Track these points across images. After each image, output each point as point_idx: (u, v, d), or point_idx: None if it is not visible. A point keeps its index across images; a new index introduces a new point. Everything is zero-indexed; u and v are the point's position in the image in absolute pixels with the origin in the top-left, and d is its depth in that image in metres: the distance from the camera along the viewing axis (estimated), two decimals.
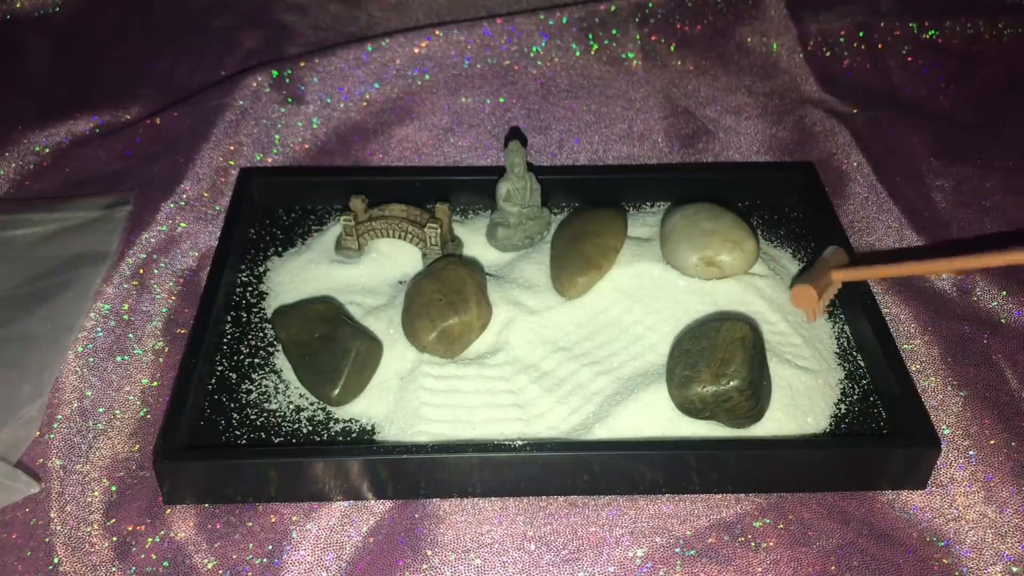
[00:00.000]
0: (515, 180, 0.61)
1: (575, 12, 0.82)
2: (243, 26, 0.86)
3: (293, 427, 0.53)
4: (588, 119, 0.77)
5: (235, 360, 0.56)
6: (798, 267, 0.62)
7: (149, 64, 0.82)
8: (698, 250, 0.57)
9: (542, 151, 0.74)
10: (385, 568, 0.48)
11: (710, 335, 0.51)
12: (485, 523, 0.50)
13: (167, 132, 0.74)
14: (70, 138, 0.74)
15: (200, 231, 0.66)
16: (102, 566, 0.48)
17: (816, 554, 0.48)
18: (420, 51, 0.80)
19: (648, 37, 0.82)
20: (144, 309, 0.61)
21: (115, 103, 0.77)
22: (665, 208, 0.65)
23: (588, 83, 0.80)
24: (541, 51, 0.82)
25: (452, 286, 0.55)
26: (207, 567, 0.47)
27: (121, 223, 0.66)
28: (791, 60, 0.82)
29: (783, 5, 0.83)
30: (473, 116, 0.77)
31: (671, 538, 0.49)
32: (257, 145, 0.73)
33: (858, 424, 0.53)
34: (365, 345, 0.53)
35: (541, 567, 0.48)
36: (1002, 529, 0.50)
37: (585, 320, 0.57)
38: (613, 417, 0.51)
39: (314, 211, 0.67)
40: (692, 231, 0.58)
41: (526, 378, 0.54)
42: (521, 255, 0.62)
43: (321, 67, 0.78)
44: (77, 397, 0.55)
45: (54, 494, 0.50)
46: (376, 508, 0.50)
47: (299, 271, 0.61)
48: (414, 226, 0.60)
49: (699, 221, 0.58)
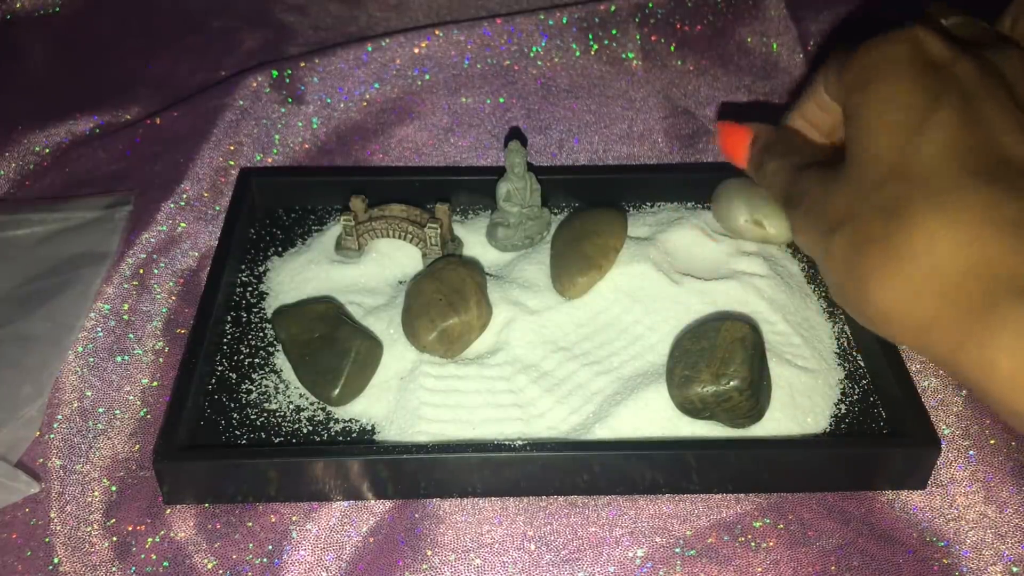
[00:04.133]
0: (515, 180, 0.61)
1: (575, 12, 0.82)
2: (243, 26, 0.86)
3: (293, 427, 0.53)
4: (588, 119, 0.77)
5: (235, 360, 0.56)
6: (798, 267, 0.62)
7: (149, 64, 0.82)
8: (751, 210, 0.59)
9: (542, 151, 0.74)
10: (385, 568, 0.48)
11: (710, 335, 0.51)
12: (485, 523, 0.50)
13: (167, 132, 0.74)
14: (70, 138, 0.74)
15: (200, 231, 0.66)
16: (102, 566, 0.48)
17: (816, 554, 0.48)
18: (420, 51, 0.80)
19: (648, 37, 0.82)
20: (144, 309, 0.61)
21: (115, 103, 0.77)
22: (665, 208, 0.65)
23: (588, 83, 0.80)
24: (541, 51, 0.82)
25: (452, 286, 0.55)
26: (207, 567, 0.48)
27: (121, 223, 0.66)
28: (791, 60, 0.82)
29: (783, 5, 0.83)
30: (473, 116, 0.77)
31: (671, 538, 0.49)
32: (257, 145, 0.73)
33: (858, 424, 0.53)
34: (365, 345, 0.53)
35: (541, 567, 0.48)
36: (1002, 529, 0.50)
37: (585, 320, 0.57)
38: (613, 417, 0.51)
39: (314, 211, 0.67)
40: (750, 193, 0.60)
41: (526, 378, 0.54)
42: (521, 255, 0.62)
43: (321, 67, 0.78)
44: (77, 397, 0.55)
45: (54, 494, 0.51)
46: (376, 508, 0.50)
47: (299, 271, 0.61)
48: (414, 226, 0.60)
49: (756, 187, 0.59)
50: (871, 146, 0.37)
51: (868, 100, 0.38)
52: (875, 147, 0.37)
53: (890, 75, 0.38)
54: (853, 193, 0.38)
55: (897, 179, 0.36)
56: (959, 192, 0.34)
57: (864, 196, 0.37)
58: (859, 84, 0.39)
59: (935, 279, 0.34)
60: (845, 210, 0.38)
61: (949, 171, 0.35)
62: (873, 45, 0.39)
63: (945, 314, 0.33)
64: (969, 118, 0.36)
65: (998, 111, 0.36)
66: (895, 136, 0.37)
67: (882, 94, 0.38)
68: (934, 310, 0.34)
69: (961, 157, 0.35)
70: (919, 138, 0.36)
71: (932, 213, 0.34)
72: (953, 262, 0.33)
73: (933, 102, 0.36)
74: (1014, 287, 0.32)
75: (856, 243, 0.37)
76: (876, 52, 0.39)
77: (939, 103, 0.36)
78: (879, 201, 0.36)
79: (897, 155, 0.36)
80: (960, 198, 0.34)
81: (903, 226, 0.35)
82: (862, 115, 0.38)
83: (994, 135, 0.35)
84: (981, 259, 0.33)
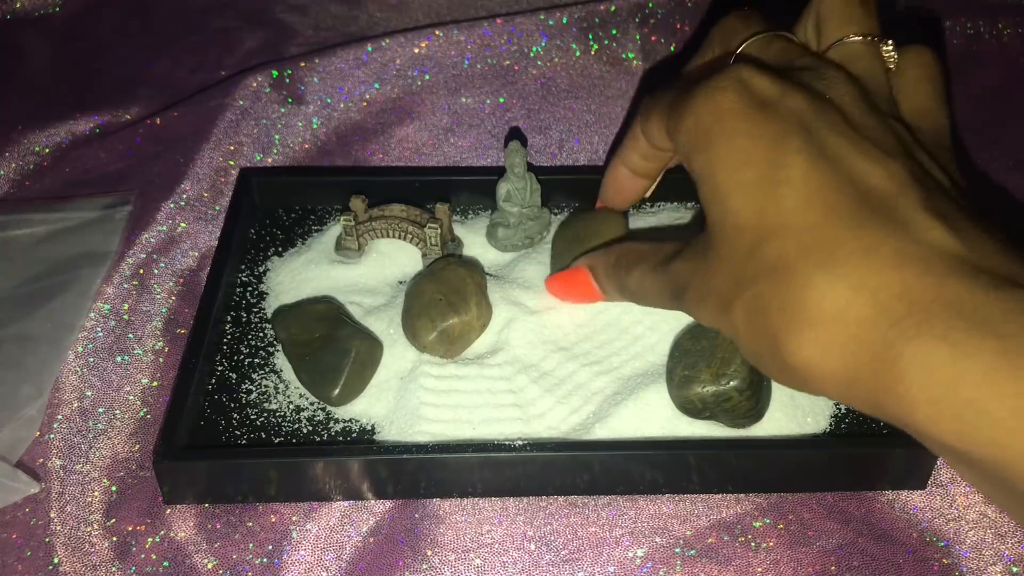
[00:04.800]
0: (515, 180, 0.61)
1: (575, 12, 0.82)
2: (243, 26, 0.86)
3: (293, 427, 0.53)
4: (588, 119, 0.77)
5: (235, 360, 0.56)
6: None
7: (149, 64, 0.82)
8: None
9: (542, 151, 0.74)
10: (385, 568, 0.48)
11: (710, 335, 0.51)
12: (485, 523, 0.50)
13: (167, 132, 0.74)
14: (70, 138, 0.74)
15: (200, 231, 0.66)
16: (102, 566, 0.48)
17: (816, 554, 0.48)
18: (420, 51, 0.80)
19: (648, 37, 0.82)
20: (144, 309, 0.61)
21: (115, 103, 0.77)
22: (665, 208, 0.65)
23: (588, 83, 0.80)
24: (541, 51, 0.82)
25: (452, 286, 0.55)
26: (207, 567, 0.48)
27: (121, 223, 0.66)
28: None
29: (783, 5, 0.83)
30: (473, 116, 0.77)
31: (671, 538, 0.49)
32: (257, 145, 0.73)
33: (858, 424, 0.53)
34: (365, 345, 0.53)
35: (541, 567, 0.48)
36: (1002, 529, 0.50)
37: (585, 320, 0.57)
38: (613, 417, 0.51)
39: (314, 211, 0.67)
40: None
41: (526, 378, 0.54)
42: (521, 255, 0.62)
43: (321, 67, 0.78)
44: (77, 397, 0.55)
45: (54, 494, 0.51)
46: (376, 508, 0.50)
47: (299, 271, 0.61)
48: (414, 226, 0.60)
49: None
50: (730, 214, 0.36)
51: (712, 162, 0.37)
52: (734, 214, 0.36)
53: (726, 130, 0.37)
54: (730, 267, 0.37)
55: (768, 240, 0.35)
56: (835, 242, 0.33)
57: (742, 267, 0.36)
58: (697, 146, 0.38)
59: (838, 333, 0.33)
60: (730, 286, 0.37)
61: (817, 220, 0.34)
62: (699, 97, 0.38)
63: (857, 365, 0.33)
64: (817, 154, 0.35)
65: (842, 140, 0.35)
66: (751, 197, 0.35)
67: (724, 153, 0.37)
68: (846, 363, 0.33)
69: (824, 201, 0.34)
70: (776, 191, 0.35)
71: (816, 269, 0.33)
72: (849, 312, 0.33)
73: (778, 148, 0.35)
74: (910, 324, 0.31)
75: (753, 314, 0.36)
76: (704, 106, 0.37)
77: (783, 147, 0.35)
78: (759, 267, 0.35)
79: (759, 216, 0.35)
80: (838, 247, 0.33)
81: (792, 286, 0.34)
82: (711, 181, 0.37)
83: (847, 167, 0.35)
84: (873, 303, 0.32)
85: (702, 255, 0.38)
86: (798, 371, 0.34)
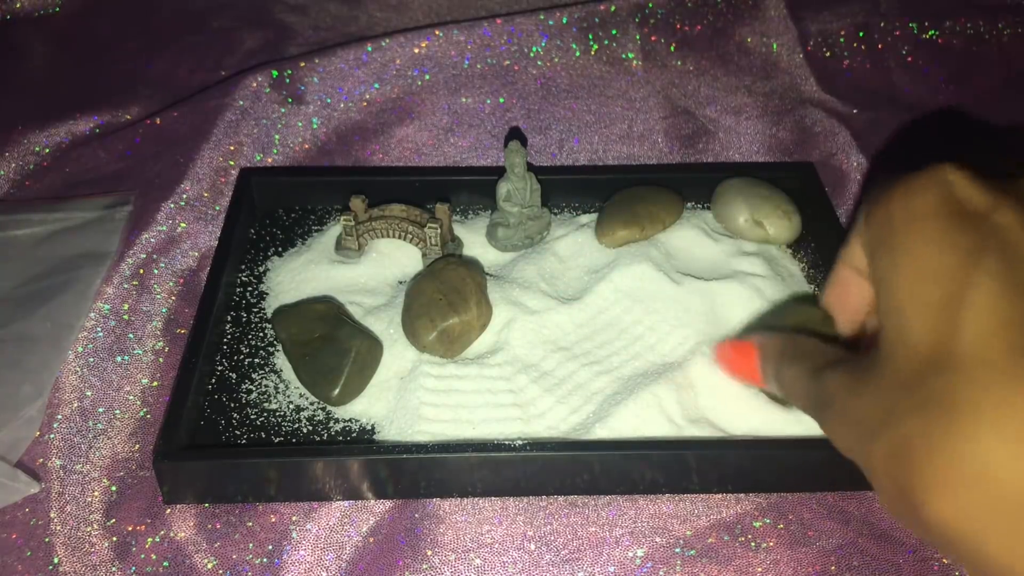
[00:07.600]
0: (515, 180, 0.61)
1: (575, 12, 0.82)
2: (243, 26, 0.86)
3: (293, 427, 0.53)
4: (588, 119, 0.77)
5: (235, 360, 0.56)
6: (798, 267, 0.62)
7: (149, 64, 0.82)
8: (751, 210, 0.62)
9: (542, 151, 0.74)
10: (385, 568, 0.48)
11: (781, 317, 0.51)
12: (485, 523, 0.50)
13: (167, 132, 0.74)
14: (70, 138, 0.74)
15: (200, 231, 0.66)
16: (102, 566, 0.48)
17: (816, 554, 0.48)
18: (420, 51, 0.80)
19: (648, 37, 0.82)
20: (144, 309, 0.61)
21: (115, 103, 0.77)
22: None
23: (588, 83, 0.80)
24: (541, 51, 0.82)
25: (452, 286, 0.55)
26: (207, 567, 0.47)
27: (121, 223, 0.66)
28: (791, 60, 0.82)
29: (783, 5, 0.83)
30: (473, 116, 0.77)
31: (671, 538, 0.49)
32: (257, 145, 0.73)
33: None
34: (365, 345, 0.53)
35: (541, 567, 0.48)
36: None
37: (585, 320, 0.57)
38: (613, 417, 0.51)
39: (314, 211, 0.67)
40: (749, 192, 0.62)
41: (526, 378, 0.54)
42: (521, 255, 0.62)
43: (321, 67, 0.78)
44: (77, 397, 0.55)
45: (54, 494, 0.50)
46: (376, 508, 0.50)
47: (299, 271, 0.61)
48: (414, 226, 0.60)
49: (757, 187, 0.63)
50: (904, 331, 0.32)
51: (895, 268, 0.33)
52: (908, 332, 0.31)
53: (917, 235, 0.32)
54: (887, 393, 0.32)
55: (938, 371, 0.30)
56: (1012, 384, 0.28)
57: (901, 395, 0.31)
58: (883, 244, 0.34)
59: (990, 492, 0.28)
60: (881, 414, 0.32)
61: (996, 359, 0.29)
62: (895, 194, 0.33)
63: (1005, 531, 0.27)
64: (1013, 282, 0.30)
65: None
66: (930, 316, 0.31)
67: (910, 260, 0.32)
68: (992, 528, 0.28)
69: (1009, 338, 0.29)
70: (959, 316, 0.30)
71: (981, 413, 0.28)
72: (1011, 471, 0.27)
73: (971, 267, 0.30)
74: None
75: (897, 452, 0.31)
76: (898, 203, 0.33)
77: (978, 267, 0.30)
78: (919, 400, 0.30)
79: (934, 341, 0.30)
80: (1013, 391, 0.28)
81: (949, 430, 0.29)
82: (891, 289, 0.33)
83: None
84: None
85: (862, 372, 0.34)
86: (934, 526, 0.29)
